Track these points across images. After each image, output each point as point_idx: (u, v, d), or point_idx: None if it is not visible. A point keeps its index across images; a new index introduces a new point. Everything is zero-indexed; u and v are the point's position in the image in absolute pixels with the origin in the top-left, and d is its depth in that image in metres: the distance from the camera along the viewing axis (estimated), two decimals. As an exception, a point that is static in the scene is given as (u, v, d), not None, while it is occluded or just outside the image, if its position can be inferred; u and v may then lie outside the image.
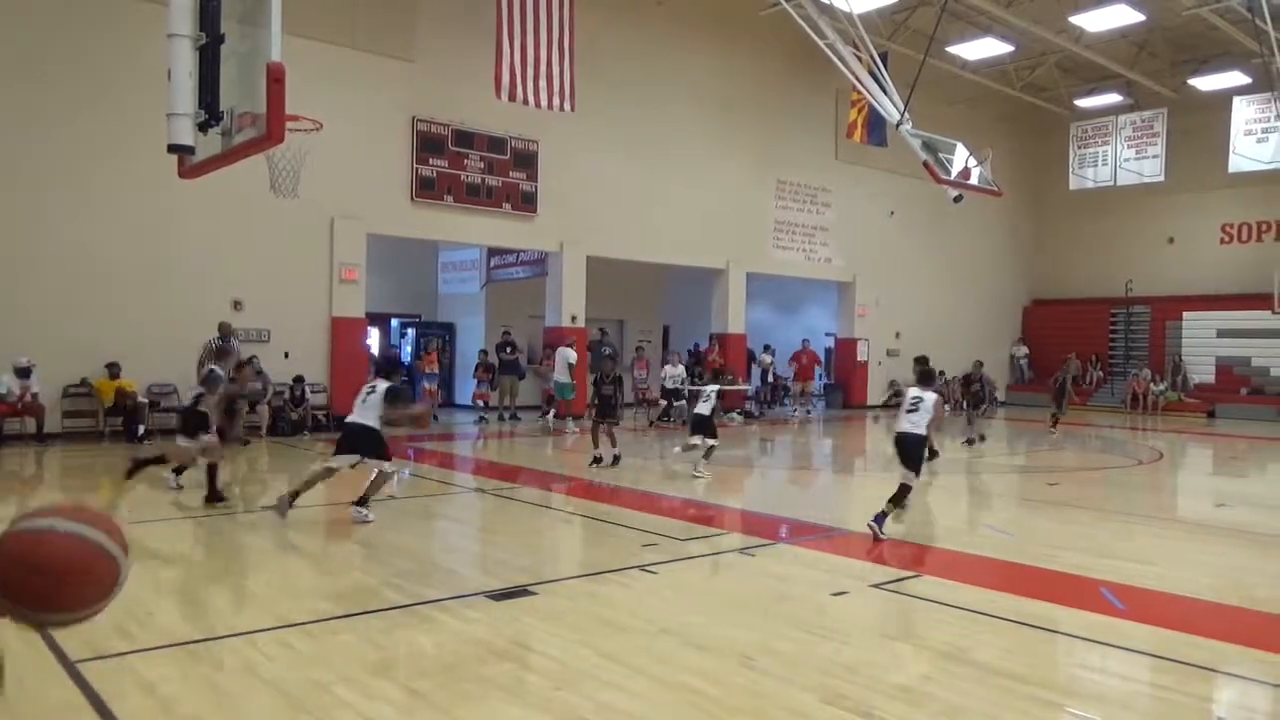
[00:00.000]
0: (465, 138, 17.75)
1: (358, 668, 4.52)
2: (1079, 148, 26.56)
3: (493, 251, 21.06)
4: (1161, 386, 25.97)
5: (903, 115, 15.48)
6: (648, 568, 6.72)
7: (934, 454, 12.23)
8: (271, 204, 14.63)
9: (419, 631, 5.16)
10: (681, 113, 20.81)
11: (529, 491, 10.41)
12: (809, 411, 23.18)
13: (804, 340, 24.28)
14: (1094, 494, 11.66)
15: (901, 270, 25.67)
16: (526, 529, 8.60)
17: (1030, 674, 4.72)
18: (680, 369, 18.94)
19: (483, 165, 17.98)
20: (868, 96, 16.08)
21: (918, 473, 8.28)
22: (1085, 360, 27.29)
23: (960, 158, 15.77)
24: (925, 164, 15.58)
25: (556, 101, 16.72)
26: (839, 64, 15.54)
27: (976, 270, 28.28)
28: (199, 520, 8.48)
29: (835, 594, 6.18)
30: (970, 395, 17.05)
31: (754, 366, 23.79)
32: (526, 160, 18.57)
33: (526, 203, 18.61)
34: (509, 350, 19.70)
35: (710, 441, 11.42)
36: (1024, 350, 28.94)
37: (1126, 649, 5.20)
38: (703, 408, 11.56)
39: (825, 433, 19.80)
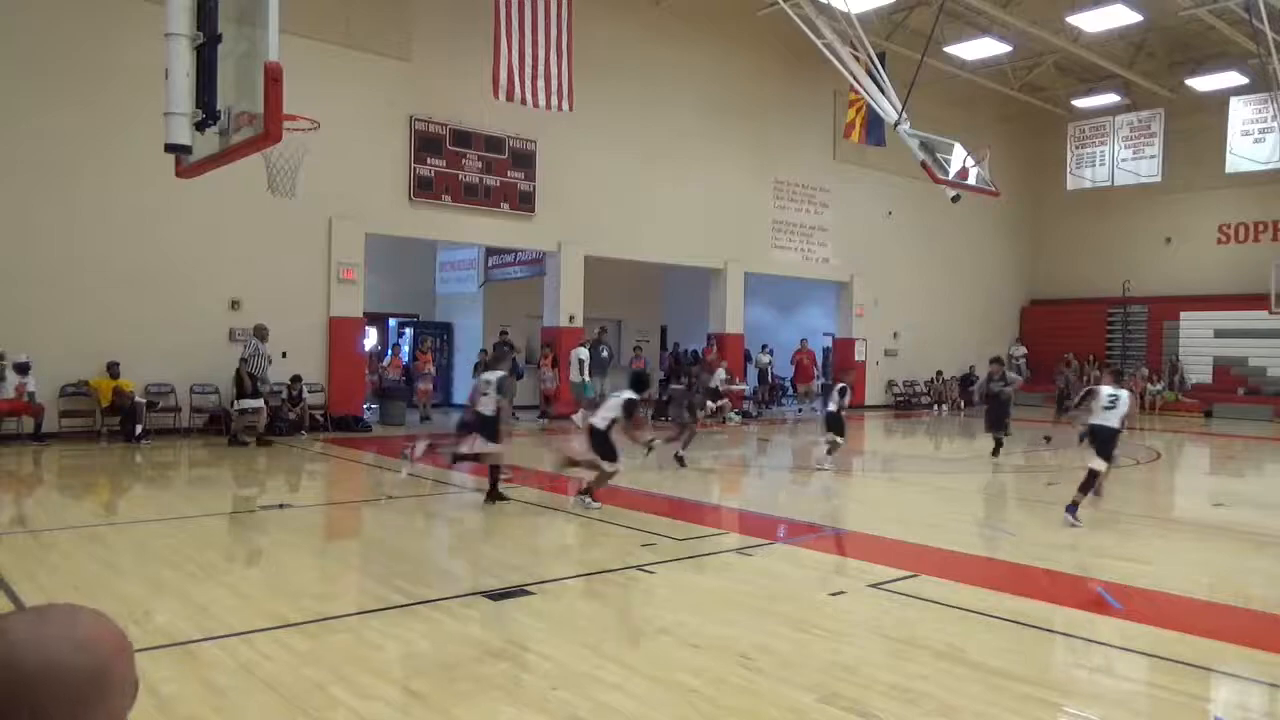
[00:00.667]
0: (463, 137, 17.76)
1: (354, 667, 4.53)
2: (1076, 148, 26.73)
3: (491, 251, 21.07)
4: (1159, 386, 26.00)
5: (900, 115, 15.47)
6: (645, 568, 6.74)
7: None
8: (269, 203, 14.51)
9: (416, 631, 5.17)
10: (680, 112, 20.83)
11: (526, 491, 10.40)
12: (814, 410, 23.14)
13: (802, 340, 24.34)
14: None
15: (899, 270, 25.71)
16: (524, 529, 8.60)
17: (1026, 673, 4.73)
18: (720, 372, 19.01)
19: (481, 165, 17.99)
20: (865, 96, 16.09)
21: (1110, 460, 9.07)
22: (1083, 360, 27.26)
23: (958, 158, 15.75)
24: (923, 164, 15.56)
25: (555, 101, 16.74)
26: (837, 64, 15.54)
27: (974, 270, 28.33)
28: (198, 521, 8.48)
29: (833, 594, 6.20)
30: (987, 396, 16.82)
31: (751, 366, 23.83)
32: (525, 160, 18.58)
33: (524, 202, 18.62)
34: (506, 350, 19.64)
35: (839, 439, 12.66)
36: (1022, 350, 28.96)
37: (1123, 648, 5.22)
38: (832, 406, 12.61)
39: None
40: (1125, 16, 20.38)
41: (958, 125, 20.00)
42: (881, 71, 15.47)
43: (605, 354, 18.85)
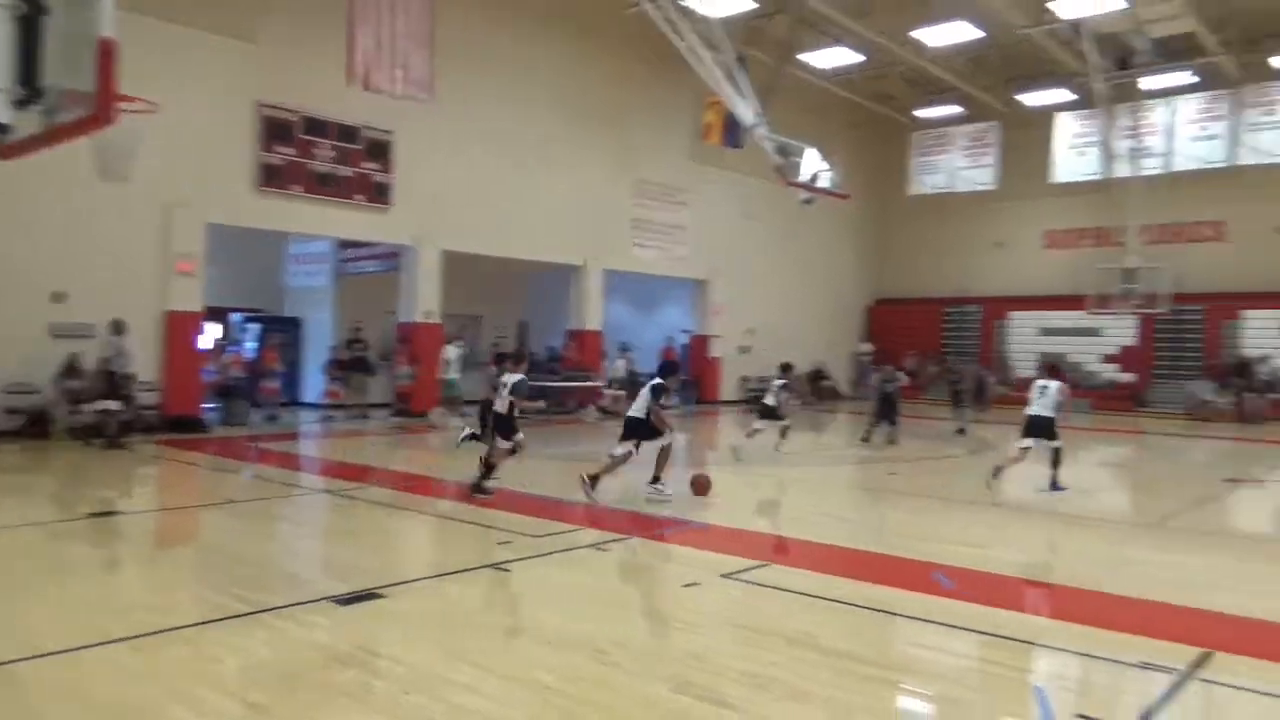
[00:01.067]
0: (315, 125, 17.07)
1: (191, 682, 4.30)
2: (919, 155, 28.39)
3: (344, 244, 20.36)
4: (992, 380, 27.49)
5: (758, 119, 15.95)
6: (501, 566, 6.68)
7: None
8: (100, 190, 13.73)
9: (258, 640, 4.94)
10: (543, 109, 20.68)
11: (379, 492, 10.12)
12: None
13: (668, 338, 24.58)
14: (930, 482, 12.27)
15: (755, 269, 26.35)
16: (376, 530, 8.36)
17: (870, 655, 4.96)
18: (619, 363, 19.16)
19: (334, 155, 17.35)
20: (725, 100, 16.46)
21: (1053, 438, 10.70)
22: (923, 357, 28.71)
23: (810, 162, 16.34)
24: (777, 168, 16.11)
25: (413, 91, 16.26)
26: (698, 67, 15.81)
27: (825, 270, 29.28)
28: (14, 532, 7.83)
29: (687, 585, 6.30)
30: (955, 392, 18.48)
31: (609, 364, 23.88)
32: (381, 151, 18.04)
33: (380, 195, 18.09)
34: (359, 347, 19.13)
35: (782, 423, 13.60)
36: (868, 348, 30.14)
37: (957, 627, 5.53)
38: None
39: (681, 428, 20.02)
40: (967, 33, 21.55)
41: (810, 131, 20.62)
42: (742, 75, 15.87)
43: (466, 350, 18.53)
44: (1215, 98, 23.58)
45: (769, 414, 13.75)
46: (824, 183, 16.54)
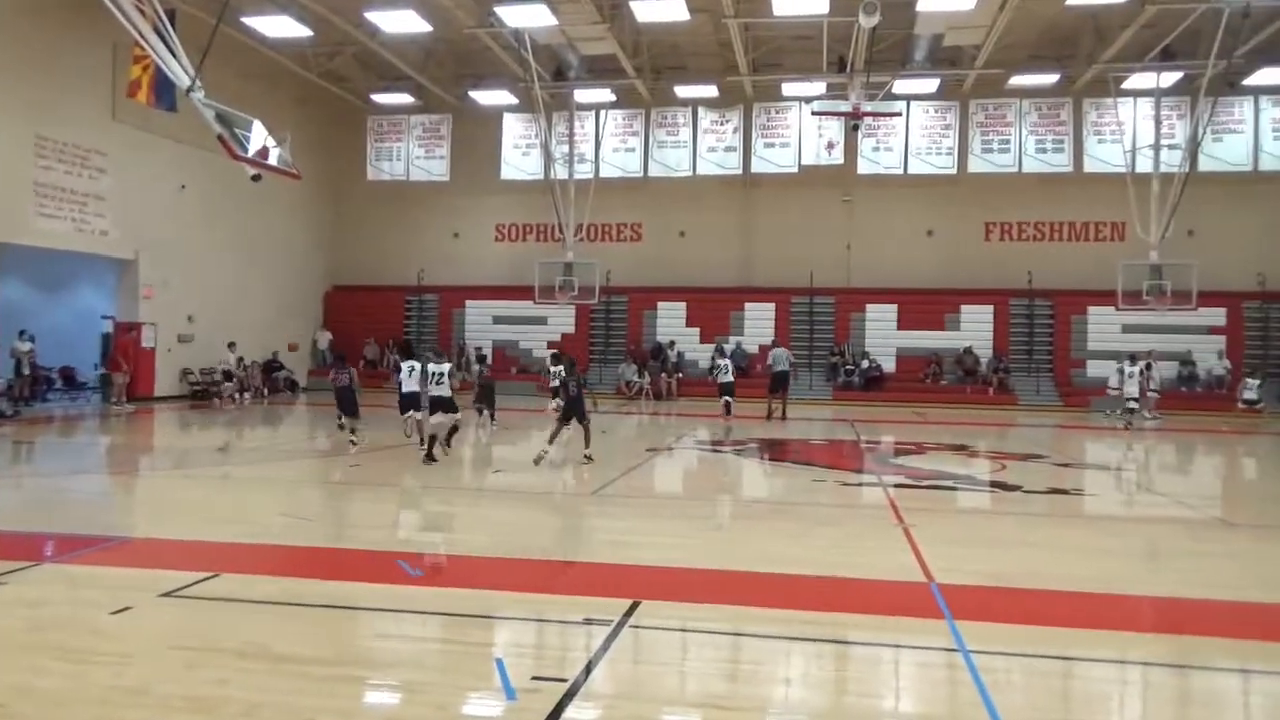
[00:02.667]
0: None
1: None
2: (376, 141, 28.34)
3: None
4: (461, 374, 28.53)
5: (194, 81, 14.51)
6: None
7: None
8: None
9: None
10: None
11: None
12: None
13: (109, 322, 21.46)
14: (389, 471, 12.41)
15: (197, 249, 24.15)
16: None
17: (331, 655, 4.85)
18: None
19: None
20: (153, 55, 14.72)
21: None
22: (383, 345, 28.83)
23: (258, 135, 15.35)
24: (220, 138, 14.84)
25: None
26: (116, 13, 13.88)
27: (277, 253, 27.92)
28: None
29: (115, 611, 5.52)
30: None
31: (7, 356, 20.16)
32: None
33: None
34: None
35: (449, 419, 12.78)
36: (327, 336, 29.52)
37: (419, 612, 5.66)
38: (438, 389, 12.55)
39: (107, 430, 17.63)
40: (416, 24, 21.87)
41: (257, 101, 19.44)
42: (170, 30, 14.32)
43: None
44: (632, 115, 27.11)
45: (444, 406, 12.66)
46: (274, 159, 15.69)
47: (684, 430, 18.72)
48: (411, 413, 13.56)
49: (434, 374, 12.49)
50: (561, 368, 15.00)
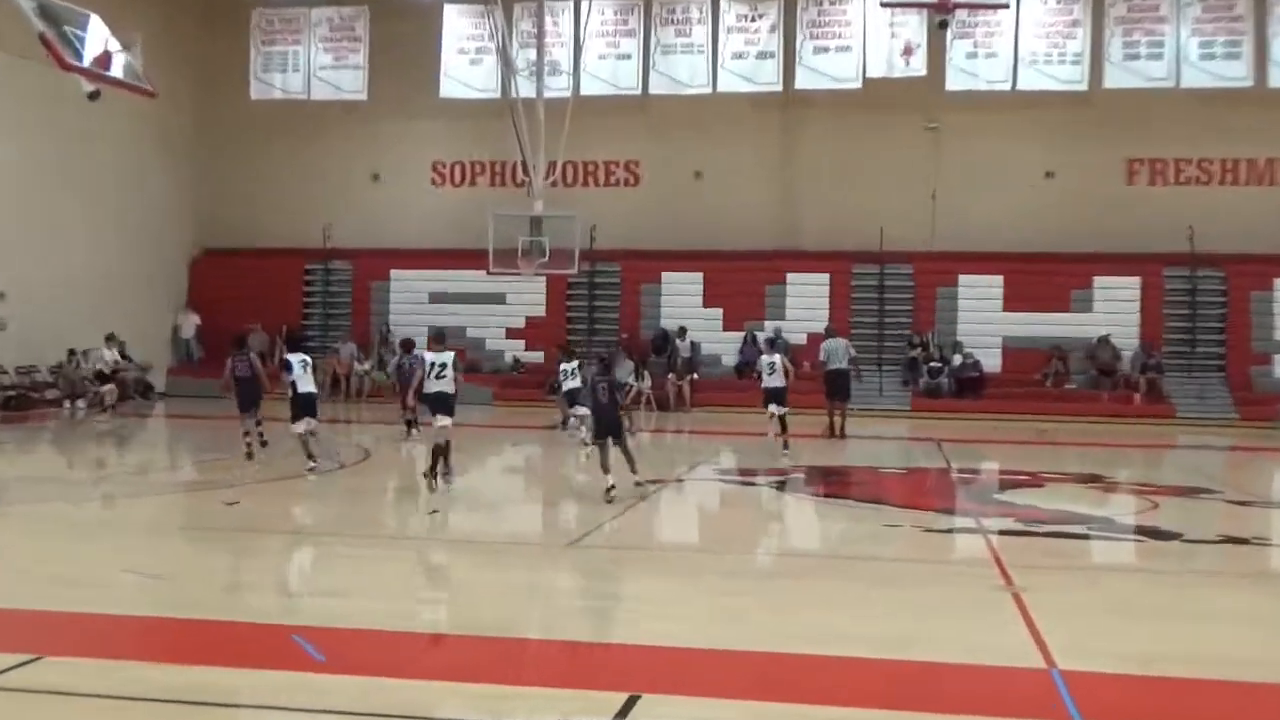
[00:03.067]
0: None
1: None
2: (263, 44, 27.82)
3: None
4: (366, 365, 28.10)
5: (4, -42, 14.48)
6: None
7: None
8: None
9: None
10: None
11: None
12: None
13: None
14: (282, 509, 12.40)
15: (6, 200, 24.07)
16: None
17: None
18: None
19: None
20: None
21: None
22: (273, 336, 27.83)
23: (97, 36, 15.31)
24: (42, 37, 14.78)
25: None
26: None
27: (124, 203, 27.75)
28: None
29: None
30: None
31: None
32: None
33: None
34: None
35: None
36: (194, 321, 29.42)
37: (328, 713, 5.56)
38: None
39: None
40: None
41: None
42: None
43: None
44: (627, 7, 26.71)
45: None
46: (120, 70, 15.63)
47: (700, 454, 18.54)
48: (307, 421, 13.89)
49: (434, 365, 13.01)
50: (575, 363, 16.01)
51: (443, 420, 12.93)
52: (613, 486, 12.28)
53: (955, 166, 28.34)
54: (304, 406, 14.01)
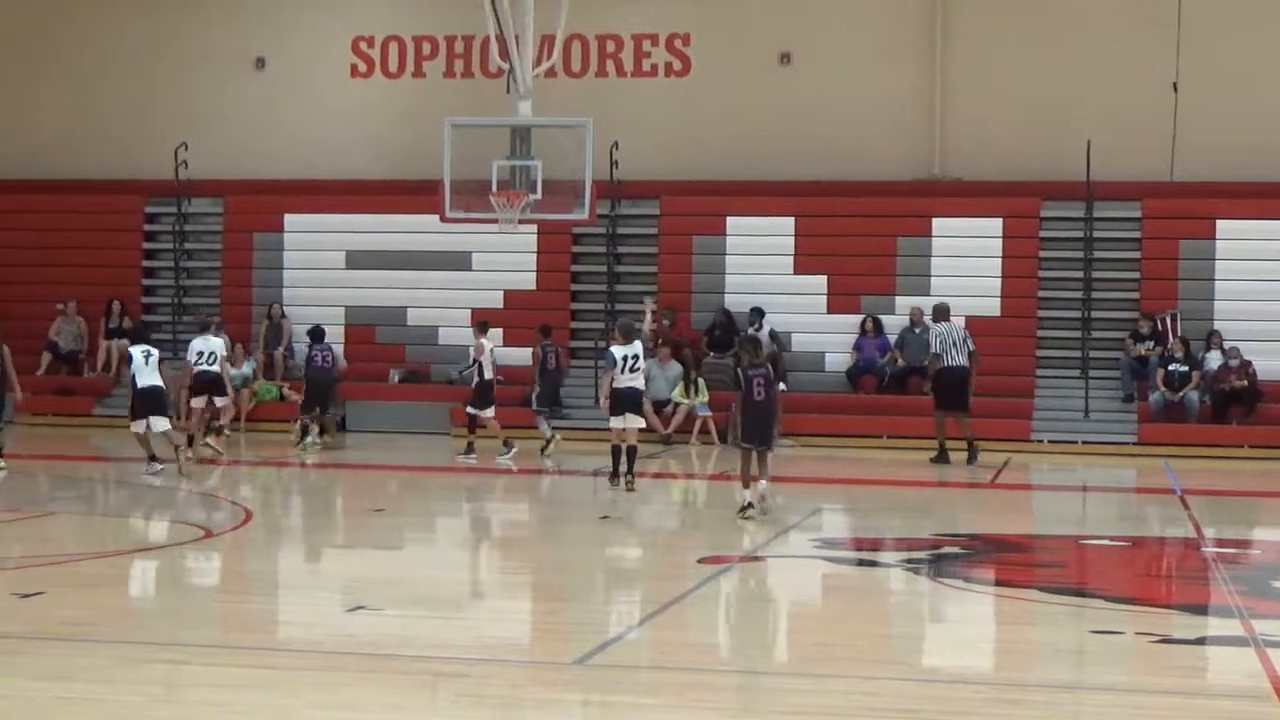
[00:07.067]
0: None
1: None
2: None
3: None
4: (245, 369, 25.46)
5: None
6: None
7: None
8: None
9: None
10: None
11: None
12: None
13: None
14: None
15: None
16: None
17: None
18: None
19: None
20: None
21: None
22: (98, 317, 26.54)
23: None
24: None
25: None
26: None
27: None
28: None
29: None
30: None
31: None
32: None
33: None
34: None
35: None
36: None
37: None
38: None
39: None
40: None
41: None
42: None
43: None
44: None
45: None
46: None
47: (792, 512, 16.52)
48: (151, 420, 16.09)
49: (627, 359, 15.90)
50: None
51: (634, 421, 15.66)
52: (751, 504, 13.77)
53: (1211, 41, 24.94)
54: (147, 402, 15.72)
